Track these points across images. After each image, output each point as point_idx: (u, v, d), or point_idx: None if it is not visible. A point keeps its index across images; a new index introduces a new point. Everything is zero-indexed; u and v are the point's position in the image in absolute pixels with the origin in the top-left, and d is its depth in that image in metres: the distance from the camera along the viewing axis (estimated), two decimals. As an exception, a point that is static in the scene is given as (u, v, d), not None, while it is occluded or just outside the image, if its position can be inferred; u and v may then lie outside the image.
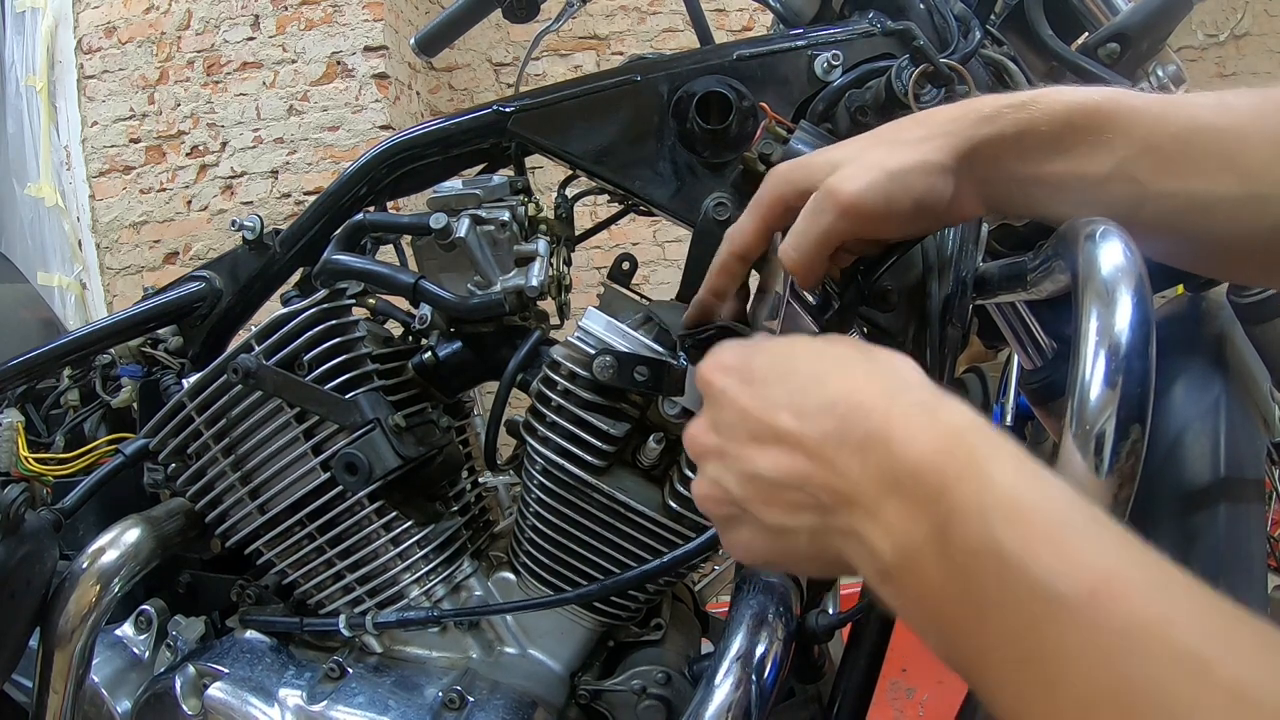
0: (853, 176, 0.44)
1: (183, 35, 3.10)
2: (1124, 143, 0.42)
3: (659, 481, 0.64)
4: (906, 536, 0.31)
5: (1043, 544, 0.27)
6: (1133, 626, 0.24)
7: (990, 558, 0.28)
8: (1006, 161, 0.45)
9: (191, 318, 0.83)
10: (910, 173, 0.44)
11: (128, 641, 0.79)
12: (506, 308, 0.67)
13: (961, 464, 0.30)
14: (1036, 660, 0.26)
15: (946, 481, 0.30)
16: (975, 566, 0.28)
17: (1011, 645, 0.27)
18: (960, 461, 0.30)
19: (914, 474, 0.31)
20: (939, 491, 0.30)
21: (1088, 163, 0.43)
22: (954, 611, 0.29)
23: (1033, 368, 0.74)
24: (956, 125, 0.45)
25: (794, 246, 0.46)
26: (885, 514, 0.32)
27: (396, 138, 0.75)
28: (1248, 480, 0.60)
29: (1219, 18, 3.87)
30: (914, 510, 0.30)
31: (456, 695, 0.65)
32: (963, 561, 0.28)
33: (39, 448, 0.91)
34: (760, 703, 0.54)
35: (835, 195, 0.45)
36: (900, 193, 0.44)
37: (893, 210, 0.45)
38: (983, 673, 0.29)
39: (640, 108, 0.66)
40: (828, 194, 0.45)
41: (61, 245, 3.19)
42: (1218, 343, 0.65)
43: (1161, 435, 0.60)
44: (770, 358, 0.40)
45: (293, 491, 0.69)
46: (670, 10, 3.60)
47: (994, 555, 0.27)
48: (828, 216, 0.45)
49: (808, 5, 0.75)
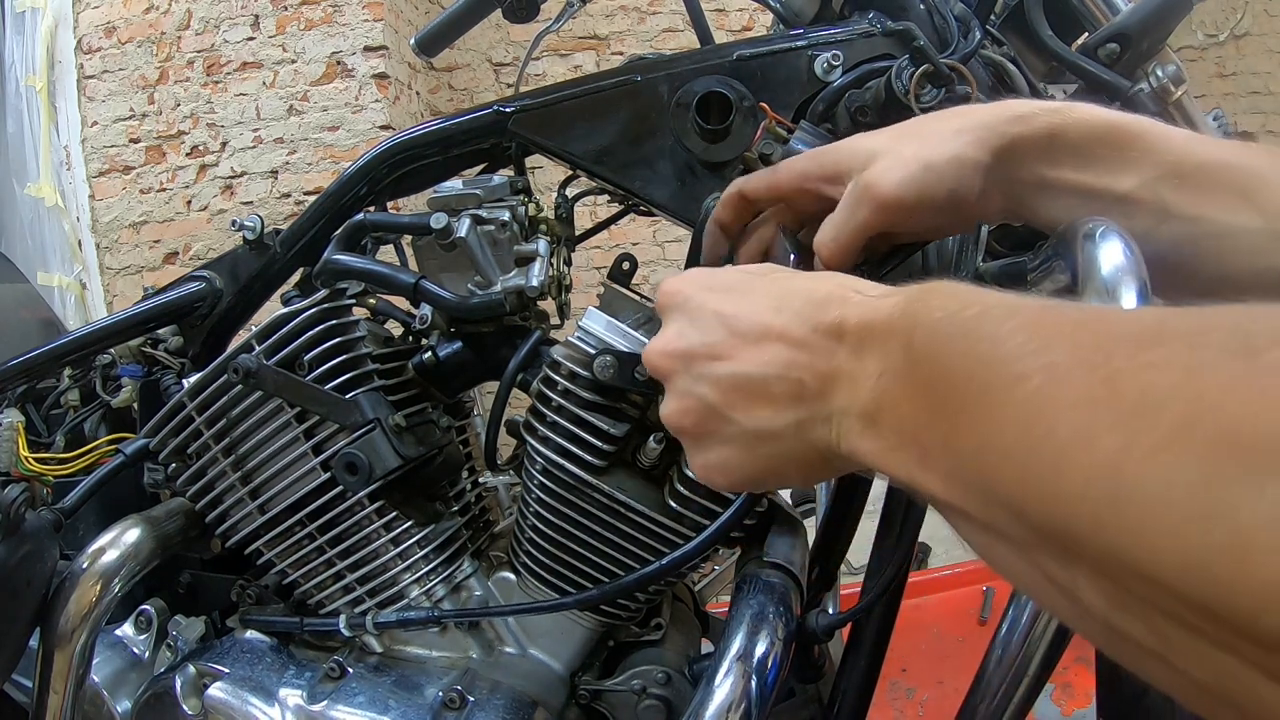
0: (890, 170, 0.45)
1: (183, 35, 3.11)
2: (1150, 163, 0.43)
3: (659, 481, 0.64)
4: (882, 367, 0.33)
5: (1006, 311, 0.28)
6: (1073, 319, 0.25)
7: (958, 339, 0.29)
8: (1034, 164, 0.45)
9: (191, 318, 0.83)
10: (946, 165, 0.44)
11: (128, 641, 0.79)
12: (507, 308, 0.67)
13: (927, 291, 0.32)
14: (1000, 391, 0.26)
15: (912, 305, 0.32)
16: (942, 350, 0.29)
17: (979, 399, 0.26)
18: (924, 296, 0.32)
19: (886, 320, 0.33)
20: (906, 317, 0.32)
21: (1112, 177, 0.44)
22: (928, 408, 0.30)
23: (1033, 368, 0.74)
24: (993, 120, 0.45)
25: (831, 238, 0.47)
26: (863, 368, 0.34)
27: (396, 138, 0.75)
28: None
29: (1219, 18, 3.88)
30: (885, 343, 0.33)
31: (456, 695, 0.65)
32: (931, 351, 0.30)
33: (39, 448, 0.91)
34: (760, 703, 0.54)
35: (874, 189, 0.45)
36: (936, 186, 0.44)
37: (926, 204, 0.45)
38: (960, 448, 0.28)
39: (640, 108, 0.67)
40: (866, 187, 0.45)
41: (61, 245, 3.19)
42: (1218, 343, 0.65)
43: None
44: (737, 274, 0.43)
45: (293, 491, 0.69)
46: (670, 10, 3.60)
47: (960, 334, 0.29)
48: (865, 209, 0.46)
49: (808, 5, 0.75)
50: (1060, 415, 0.23)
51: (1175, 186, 0.43)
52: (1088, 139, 0.44)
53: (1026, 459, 0.24)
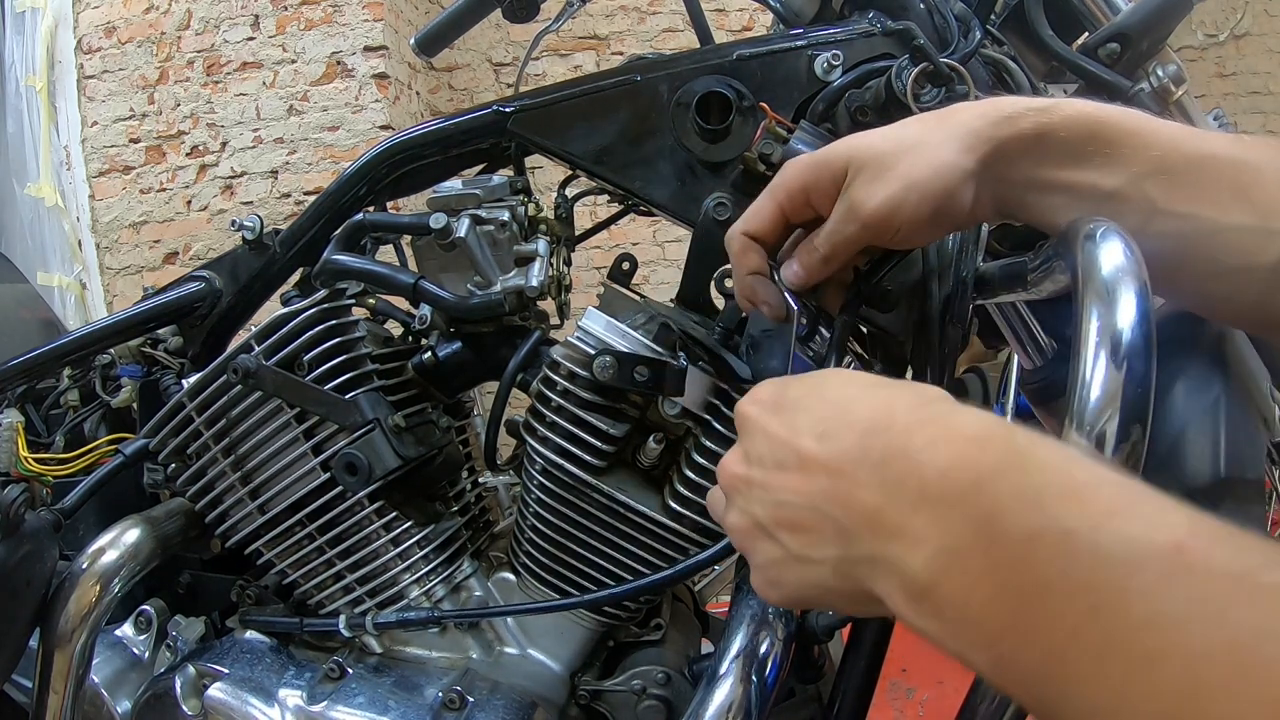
0: (875, 191, 0.45)
1: (183, 35, 3.10)
2: (1138, 159, 0.43)
3: (659, 482, 0.63)
4: (942, 542, 0.29)
5: (1107, 515, 0.25)
6: (1231, 573, 0.22)
7: (1051, 538, 0.25)
8: (1022, 165, 0.45)
9: (191, 318, 0.83)
10: (932, 181, 0.44)
11: (128, 641, 0.79)
12: (506, 308, 0.67)
13: (997, 455, 0.29)
14: (1124, 635, 0.23)
15: (982, 476, 0.28)
16: (1034, 553, 0.26)
17: (1090, 629, 0.24)
18: (995, 453, 0.29)
19: (943, 477, 0.29)
20: (974, 487, 0.28)
21: (1101, 174, 0.43)
22: (1010, 613, 0.26)
23: (1033, 368, 0.74)
24: (980, 125, 0.45)
25: (824, 242, 0.47)
26: (913, 527, 0.30)
27: (396, 138, 0.75)
28: (1248, 480, 0.60)
29: (1219, 18, 3.87)
30: (946, 514, 0.29)
31: (456, 695, 0.65)
32: (1017, 551, 0.26)
33: (39, 448, 0.91)
34: (760, 703, 0.54)
35: (859, 208, 0.45)
36: (921, 202, 0.45)
37: (913, 220, 0.45)
38: (1056, 676, 0.25)
39: (640, 108, 0.66)
40: (851, 206, 0.46)
41: (61, 245, 3.19)
42: (1218, 343, 0.65)
43: (1161, 435, 0.60)
44: (803, 388, 0.40)
45: (293, 491, 0.69)
46: (670, 10, 3.60)
47: (1056, 534, 0.25)
48: (851, 227, 0.46)
49: (808, 5, 0.75)
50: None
51: (1164, 183, 0.42)
52: (1075, 136, 0.44)
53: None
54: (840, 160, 0.47)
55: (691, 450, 0.61)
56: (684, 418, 0.59)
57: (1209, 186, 0.42)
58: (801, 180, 0.48)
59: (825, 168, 0.47)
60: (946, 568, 0.28)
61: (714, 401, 0.59)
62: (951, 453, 0.30)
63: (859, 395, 0.37)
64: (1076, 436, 0.38)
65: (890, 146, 0.46)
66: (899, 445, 0.32)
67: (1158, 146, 0.42)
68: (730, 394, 0.58)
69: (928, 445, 0.31)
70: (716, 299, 0.64)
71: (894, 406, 0.35)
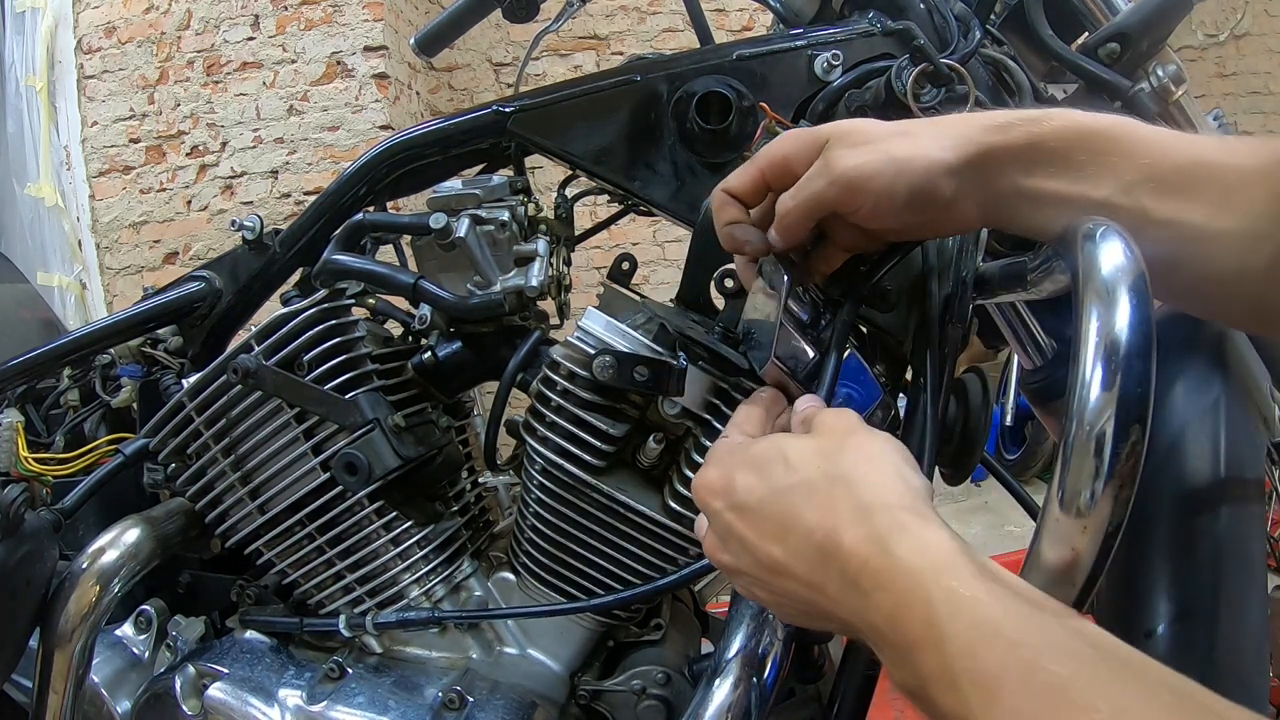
0: (853, 153, 0.46)
1: (183, 35, 3.10)
2: (1128, 167, 0.43)
3: (659, 482, 0.63)
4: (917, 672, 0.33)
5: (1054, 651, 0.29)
6: None
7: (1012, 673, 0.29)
8: (1012, 173, 0.45)
9: (191, 318, 0.83)
10: (913, 163, 0.45)
11: (128, 641, 0.79)
12: (506, 308, 0.67)
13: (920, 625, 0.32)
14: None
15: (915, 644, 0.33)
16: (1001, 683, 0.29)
17: None
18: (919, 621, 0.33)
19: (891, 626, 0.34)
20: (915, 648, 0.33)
21: (1090, 184, 0.44)
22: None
23: (1033, 368, 0.74)
24: (969, 129, 0.45)
25: (788, 205, 0.48)
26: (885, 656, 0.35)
27: (396, 138, 0.75)
28: (1248, 480, 0.60)
29: (1219, 18, 3.88)
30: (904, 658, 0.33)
31: (456, 695, 0.65)
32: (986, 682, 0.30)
33: (39, 448, 0.91)
34: (760, 703, 0.54)
35: (832, 165, 0.46)
36: (898, 179, 0.45)
37: (886, 195, 0.45)
38: None
39: (640, 108, 0.66)
40: (825, 163, 0.46)
41: (61, 245, 3.19)
42: (1218, 343, 0.65)
43: (1161, 435, 0.60)
44: (750, 477, 0.42)
45: (293, 491, 0.69)
46: (670, 10, 3.60)
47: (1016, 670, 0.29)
48: (820, 181, 0.46)
49: (808, 5, 0.75)
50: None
51: (1153, 190, 0.43)
52: (1066, 145, 0.44)
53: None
54: (824, 131, 0.48)
55: (691, 450, 0.61)
56: (684, 417, 0.59)
57: (1198, 193, 0.42)
58: (783, 149, 0.49)
59: (809, 136, 0.49)
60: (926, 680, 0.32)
61: (714, 401, 0.59)
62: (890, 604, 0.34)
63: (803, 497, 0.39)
64: (1077, 437, 0.38)
65: (878, 130, 0.47)
66: (851, 577, 0.36)
67: (1147, 154, 0.43)
68: (730, 393, 0.58)
69: (875, 588, 0.35)
70: (716, 299, 0.64)
71: (838, 522, 0.37)
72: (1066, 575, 0.39)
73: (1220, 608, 0.57)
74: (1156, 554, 0.59)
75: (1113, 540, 0.39)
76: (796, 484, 0.40)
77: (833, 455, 0.40)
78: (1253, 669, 0.57)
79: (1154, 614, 0.57)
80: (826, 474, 0.40)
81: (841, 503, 0.38)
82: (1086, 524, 0.38)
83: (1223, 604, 0.57)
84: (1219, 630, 0.57)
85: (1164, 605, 0.57)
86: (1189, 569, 0.58)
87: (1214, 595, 0.57)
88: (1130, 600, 0.59)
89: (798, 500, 0.40)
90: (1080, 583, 0.39)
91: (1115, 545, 0.39)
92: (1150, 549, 0.59)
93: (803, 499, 0.39)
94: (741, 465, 0.43)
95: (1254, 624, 0.57)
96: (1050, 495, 0.40)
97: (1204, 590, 0.57)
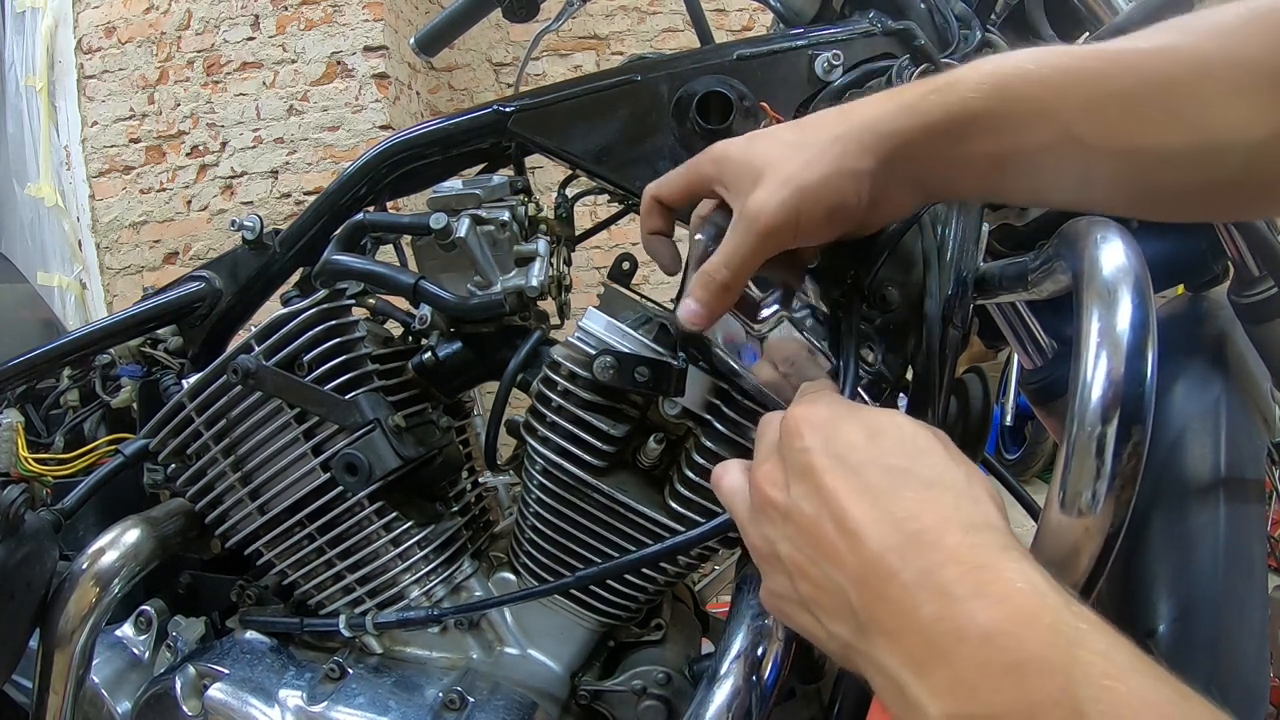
0: (769, 199, 0.44)
1: (183, 35, 3.11)
2: (1064, 108, 0.40)
3: (659, 482, 0.63)
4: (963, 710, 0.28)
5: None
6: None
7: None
8: (940, 148, 0.43)
9: (191, 318, 0.83)
10: (820, 186, 0.44)
11: (128, 642, 0.79)
12: (506, 308, 0.67)
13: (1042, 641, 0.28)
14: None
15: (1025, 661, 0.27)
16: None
17: None
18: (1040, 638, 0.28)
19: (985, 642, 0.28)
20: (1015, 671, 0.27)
21: (1028, 135, 0.41)
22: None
23: (1033, 368, 0.74)
24: (875, 119, 0.44)
25: (724, 264, 0.47)
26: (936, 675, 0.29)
27: (396, 138, 0.75)
28: (1248, 480, 0.60)
29: (1219, 17, 3.87)
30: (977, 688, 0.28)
31: (457, 695, 0.65)
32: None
33: (39, 448, 0.91)
34: (760, 703, 0.54)
35: (756, 222, 0.45)
36: (811, 206, 0.44)
37: (806, 223, 0.45)
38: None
39: (640, 108, 0.66)
40: (750, 219, 0.45)
41: (61, 245, 3.19)
42: (1218, 343, 0.65)
43: (1162, 435, 0.60)
44: (860, 434, 0.38)
45: (293, 492, 0.69)
46: (670, 10, 3.60)
47: None
48: (751, 239, 0.45)
49: (808, 5, 0.75)
50: None
51: (1096, 127, 0.39)
52: (989, 102, 0.41)
53: None
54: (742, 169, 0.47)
55: (692, 450, 0.61)
56: (684, 418, 0.59)
57: (1144, 117, 0.38)
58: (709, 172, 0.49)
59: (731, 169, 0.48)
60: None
61: (714, 401, 0.59)
62: (997, 616, 0.29)
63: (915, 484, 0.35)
64: (1077, 437, 0.38)
65: (786, 149, 0.46)
66: (942, 577, 0.31)
67: (1081, 88, 0.40)
68: (730, 393, 0.58)
69: (972, 594, 0.30)
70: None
71: (947, 522, 0.33)
72: (1067, 576, 0.39)
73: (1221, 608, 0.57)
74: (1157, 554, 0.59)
75: (1114, 541, 0.39)
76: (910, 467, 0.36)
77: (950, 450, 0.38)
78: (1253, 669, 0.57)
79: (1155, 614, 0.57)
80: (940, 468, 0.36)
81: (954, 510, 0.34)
82: (1087, 524, 0.38)
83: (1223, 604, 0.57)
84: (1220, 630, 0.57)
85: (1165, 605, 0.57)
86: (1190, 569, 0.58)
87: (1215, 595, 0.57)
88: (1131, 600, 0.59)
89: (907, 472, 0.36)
90: (1081, 584, 0.39)
91: (1117, 546, 0.39)
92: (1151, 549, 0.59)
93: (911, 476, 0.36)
94: (851, 418, 0.39)
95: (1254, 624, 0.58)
96: (1051, 495, 0.40)
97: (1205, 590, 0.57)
